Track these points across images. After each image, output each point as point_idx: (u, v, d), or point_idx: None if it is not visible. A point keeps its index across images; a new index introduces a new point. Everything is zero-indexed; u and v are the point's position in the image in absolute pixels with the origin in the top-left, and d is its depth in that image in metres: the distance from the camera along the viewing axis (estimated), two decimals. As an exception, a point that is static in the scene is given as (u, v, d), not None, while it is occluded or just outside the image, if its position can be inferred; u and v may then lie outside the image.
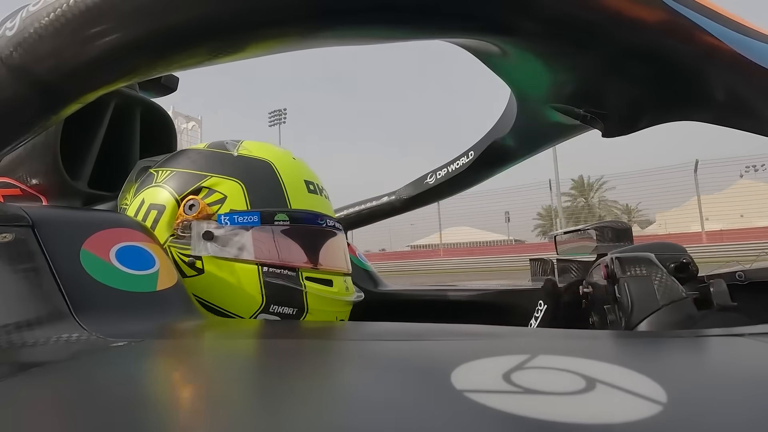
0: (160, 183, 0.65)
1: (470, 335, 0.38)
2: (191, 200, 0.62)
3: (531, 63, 0.51)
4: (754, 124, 0.44)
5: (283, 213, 0.62)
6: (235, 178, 0.63)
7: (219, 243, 0.60)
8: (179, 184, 0.64)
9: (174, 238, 0.61)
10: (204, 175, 0.63)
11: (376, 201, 1.25)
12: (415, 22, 0.38)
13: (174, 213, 0.62)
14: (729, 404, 0.21)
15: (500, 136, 0.87)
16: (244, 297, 0.60)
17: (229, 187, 0.63)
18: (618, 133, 0.56)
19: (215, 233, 0.60)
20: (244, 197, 0.62)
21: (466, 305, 0.98)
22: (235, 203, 0.62)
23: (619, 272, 0.54)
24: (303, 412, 0.22)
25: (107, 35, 0.35)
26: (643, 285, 0.52)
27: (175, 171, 0.65)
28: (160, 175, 0.66)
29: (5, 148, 0.47)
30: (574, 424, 0.18)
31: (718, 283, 0.54)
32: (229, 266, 0.60)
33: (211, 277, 0.60)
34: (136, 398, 0.26)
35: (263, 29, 0.36)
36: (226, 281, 0.60)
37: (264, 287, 0.60)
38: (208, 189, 0.62)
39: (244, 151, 0.67)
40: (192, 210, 0.62)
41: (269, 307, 0.61)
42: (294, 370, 0.30)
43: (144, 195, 0.65)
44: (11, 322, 0.39)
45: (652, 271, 0.53)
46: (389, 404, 0.22)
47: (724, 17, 0.38)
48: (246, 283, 0.60)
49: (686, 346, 0.32)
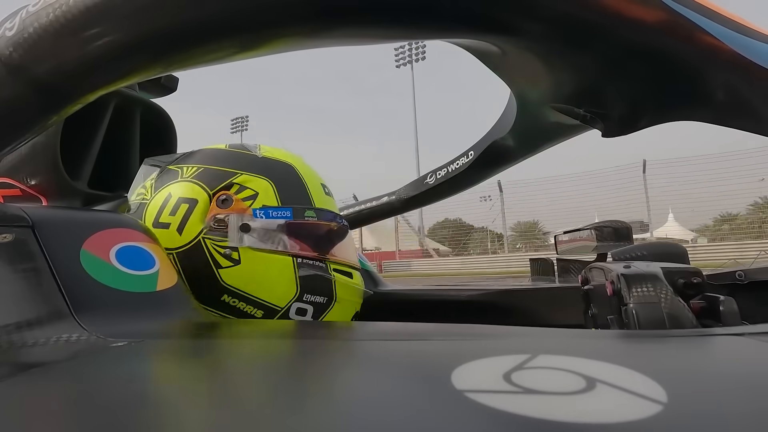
0: (188, 178, 0.67)
1: (470, 335, 0.38)
2: (224, 195, 0.65)
3: (531, 63, 0.51)
4: (754, 124, 0.44)
5: (311, 210, 0.68)
6: (265, 177, 0.67)
7: (255, 235, 0.64)
8: (211, 179, 0.66)
9: (209, 230, 0.64)
10: (234, 173, 0.67)
11: (376, 201, 1.25)
12: (415, 22, 0.38)
13: (206, 207, 0.65)
14: (729, 404, 0.21)
15: (500, 136, 0.87)
16: (280, 287, 0.64)
17: (260, 184, 0.67)
18: (618, 132, 0.56)
19: (252, 225, 0.64)
20: (274, 194, 0.67)
21: (466, 305, 0.98)
22: (266, 200, 0.66)
23: (626, 293, 0.53)
24: (303, 411, 0.22)
25: (107, 35, 0.35)
26: (652, 313, 0.51)
27: (204, 167, 0.68)
28: (186, 170, 0.68)
29: (5, 149, 0.47)
30: (574, 424, 0.18)
31: (729, 302, 0.53)
32: (265, 257, 0.64)
33: (248, 267, 0.63)
34: (136, 398, 0.26)
35: (263, 29, 0.36)
36: (262, 272, 0.64)
37: (298, 277, 0.65)
38: (239, 185, 0.66)
39: (266, 153, 0.72)
40: (225, 204, 0.65)
41: (303, 296, 0.65)
42: (294, 369, 0.30)
43: (170, 189, 0.67)
44: (11, 323, 0.39)
45: (660, 290, 0.52)
46: (389, 404, 0.22)
47: (724, 17, 0.38)
48: (282, 274, 0.64)
49: (686, 345, 0.32)
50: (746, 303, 0.58)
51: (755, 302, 0.62)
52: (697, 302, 0.56)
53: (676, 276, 0.59)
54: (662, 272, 0.56)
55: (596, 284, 0.69)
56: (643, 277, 0.53)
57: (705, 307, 0.56)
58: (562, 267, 1.13)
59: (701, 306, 0.56)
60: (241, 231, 0.64)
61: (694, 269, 0.62)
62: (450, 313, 0.98)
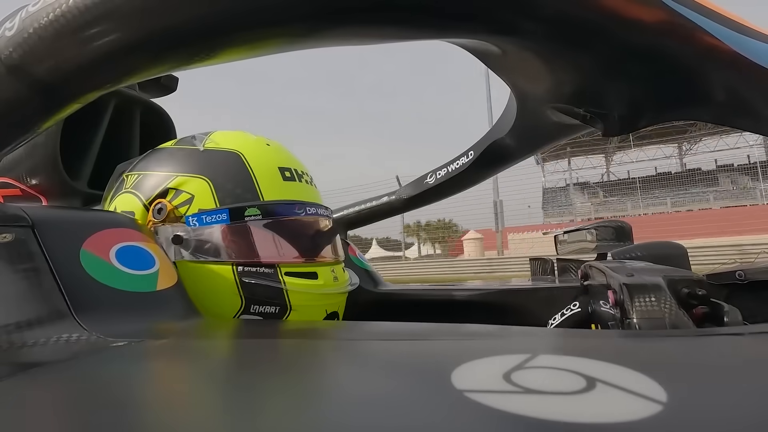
0: (129, 189, 0.63)
1: (470, 335, 0.38)
2: (159, 204, 0.60)
3: (531, 63, 0.51)
4: (754, 123, 0.44)
5: (254, 207, 0.59)
6: (201, 175, 0.60)
7: (189, 246, 0.58)
8: (146, 187, 0.61)
9: None
10: (170, 176, 0.61)
11: (376, 201, 1.25)
12: (415, 22, 0.38)
13: (144, 219, 0.61)
14: (729, 404, 0.21)
15: (500, 136, 0.87)
16: (223, 299, 0.58)
17: (196, 185, 0.60)
18: (618, 132, 0.56)
19: (184, 236, 0.58)
20: (211, 195, 0.59)
21: (466, 305, 0.98)
22: (203, 202, 0.59)
23: (628, 306, 0.53)
24: (303, 412, 0.22)
25: (107, 36, 0.35)
26: (655, 328, 0.51)
27: (142, 174, 0.63)
28: (128, 180, 0.64)
29: (5, 148, 0.47)
30: (575, 424, 0.18)
31: (733, 313, 0.53)
32: (204, 269, 0.58)
33: (187, 282, 0.57)
34: (136, 398, 0.26)
35: (263, 29, 0.36)
36: (202, 285, 0.58)
37: (241, 287, 0.58)
38: (175, 190, 0.60)
39: (211, 144, 0.64)
40: (160, 214, 0.59)
41: (250, 308, 0.59)
42: (294, 370, 0.30)
43: (116, 202, 0.64)
44: (11, 322, 0.39)
45: (664, 303, 0.52)
46: (389, 404, 0.22)
47: (724, 17, 0.38)
48: (223, 285, 0.58)
49: (686, 345, 0.32)
50: (746, 303, 0.58)
51: (755, 302, 0.62)
52: (701, 308, 0.56)
53: (679, 284, 0.58)
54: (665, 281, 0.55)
55: (597, 283, 0.69)
56: (646, 288, 0.53)
57: (708, 313, 0.56)
58: (562, 267, 1.13)
59: (704, 311, 0.56)
60: (173, 243, 0.58)
61: (698, 278, 0.61)
62: (450, 313, 0.98)
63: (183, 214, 0.59)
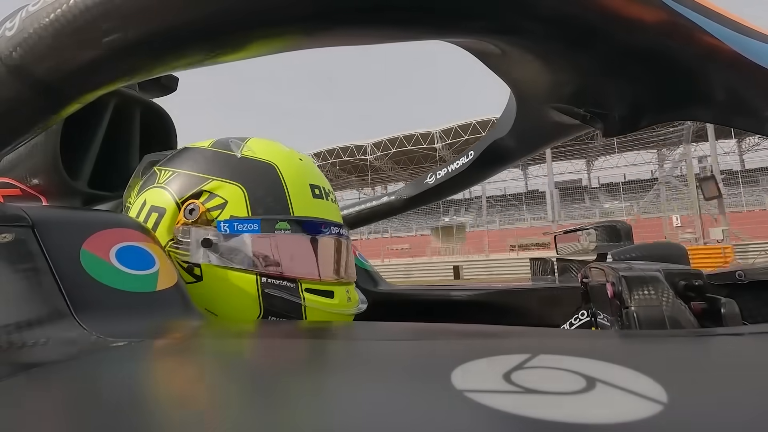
0: (162, 184, 0.64)
1: (470, 335, 0.37)
2: (192, 204, 0.61)
3: (531, 63, 0.51)
4: (754, 123, 0.44)
5: (285, 221, 0.60)
6: (237, 182, 0.61)
7: (217, 251, 0.59)
8: (181, 186, 0.62)
9: (174, 242, 0.60)
10: (206, 178, 0.62)
11: (376, 201, 1.25)
12: (415, 22, 0.38)
13: (174, 217, 0.61)
14: (729, 404, 0.21)
15: (500, 136, 0.87)
16: (242, 306, 0.59)
17: (231, 191, 0.61)
18: (618, 132, 0.56)
19: (214, 240, 0.59)
20: (245, 203, 0.60)
21: (466, 305, 0.98)
22: (235, 209, 0.60)
23: (627, 296, 0.53)
24: (303, 412, 0.22)
25: (107, 36, 0.35)
26: (652, 315, 0.51)
27: (177, 172, 0.64)
28: (162, 175, 0.65)
29: (5, 148, 0.47)
30: (575, 424, 0.18)
31: (730, 305, 0.53)
32: (228, 275, 0.59)
33: (210, 285, 0.59)
34: (136, 398, 0.26)
35: (263, 29, 0.36)
36: (224, 290, 0.59)
37: (262, 298, 0.59)
38: (210, 193, 0.61)
39: (248, 152, 0.65)
40: (192, 215, 0.60)
41: (267, 318, 0.60)
42: (294, 370, 0.30)
43: (146, 195, 0.64)
44: (11, 322, 0.39)
45: (661, 293, 0.52)
46: (389, 404, 0.22)
47: (724, 17, 0.38)
48: (244, 293, 0.59)
49: (686, 345, 0.32)
50: (746, 303, 0.58)
51: (755, 302, 0.62)
52: (698, 304, 0.56)
53: (677, 278, 0.59)
54: (663, 274, 0.56)
55: (596, 283, 0.69)
56: (643, 279, 0.53)
57: (706, 308, 0.56)
58: (562, 267, 1.13)
59: (702, 308, 0.56)
60: (202, 246, 0.58)
61: (695, 271, 0.62)
62: (450, 313, 0.98)
63: (214, 217, 0.60)
